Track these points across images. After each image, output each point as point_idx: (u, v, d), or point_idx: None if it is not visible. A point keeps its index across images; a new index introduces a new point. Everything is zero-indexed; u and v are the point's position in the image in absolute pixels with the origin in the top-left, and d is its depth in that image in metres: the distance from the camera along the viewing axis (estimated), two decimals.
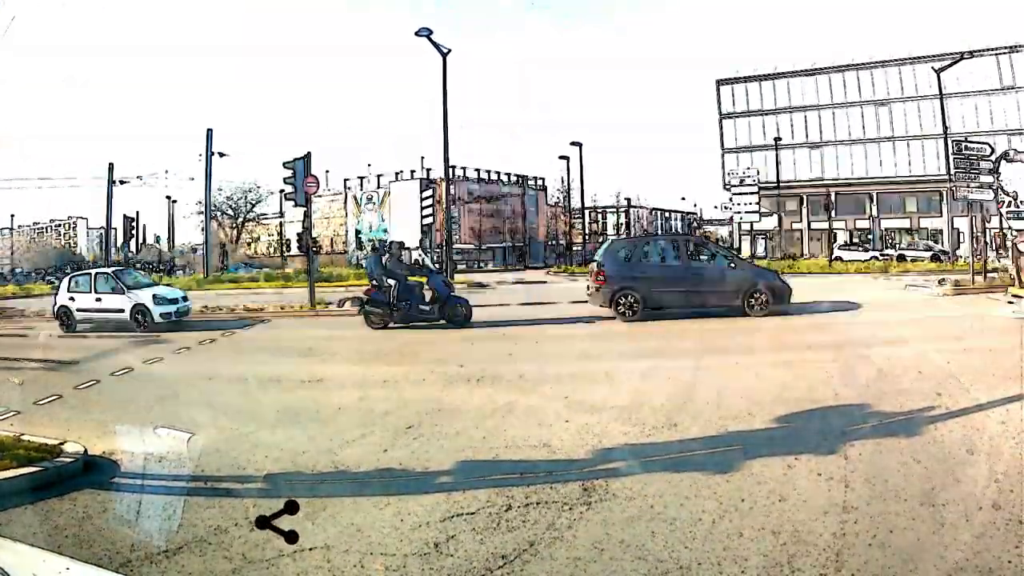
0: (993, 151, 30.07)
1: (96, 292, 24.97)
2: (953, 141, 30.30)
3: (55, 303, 25.76)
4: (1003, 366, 12.83)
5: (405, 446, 9.83)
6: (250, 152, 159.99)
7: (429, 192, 56.58)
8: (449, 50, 45.68)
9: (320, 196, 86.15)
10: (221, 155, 64.07)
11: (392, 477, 8.70)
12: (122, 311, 24.43)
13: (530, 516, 7.11)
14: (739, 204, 54.67)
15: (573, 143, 68.43)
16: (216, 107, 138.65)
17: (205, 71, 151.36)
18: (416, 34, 44.06)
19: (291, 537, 3.40)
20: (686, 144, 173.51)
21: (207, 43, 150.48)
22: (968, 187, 29.30)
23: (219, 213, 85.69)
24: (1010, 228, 39.04)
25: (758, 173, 57.53)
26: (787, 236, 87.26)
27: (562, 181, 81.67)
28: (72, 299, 25.21)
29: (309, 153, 28.81)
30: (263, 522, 3.42)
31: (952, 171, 29.95)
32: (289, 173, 29.01)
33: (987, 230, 35.13)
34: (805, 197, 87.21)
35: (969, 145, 29.81)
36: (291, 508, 3.44)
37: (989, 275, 30.74)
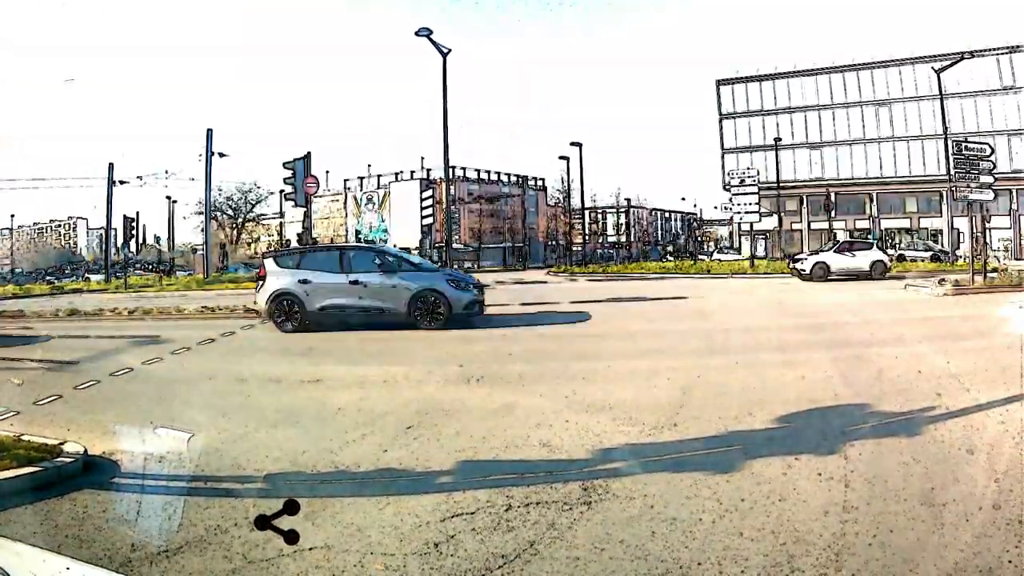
0: (993, 151, 30.05)
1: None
2: (953, 141, 30.28)
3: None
4: (1003, 366, 12.83)
5: (405, 446, 9.82)
6: (250, 152, 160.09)
7: (429, 192, 56.64)
8: (449, 50, 45.64)
9: (320, 196, 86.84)
10: (221, 155, 64.49)
11: (392, 477, 8.69)
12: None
13: (530, 516, 7.10)
14: (739, 204, 54.47)
15: (573, 143, 68.78)
16: (216, 107, 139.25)
17: (205, 71, 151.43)
18: (416, 34, 44.10)
19: (291, 537, 3.38)
20: (686, 144, 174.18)
21: (207, 43, 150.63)
22: (968, 187, 29.27)
23: (219, 213, 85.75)
24: None
25: (758, 173, 57.39)
26: (787, 236, 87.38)
27: (562, 181, 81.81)
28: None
29: (309, 153, 29.02)
30: (263, 522, 3.42)
31: (952, 171, 29.92)
32: (289, 173, 29.12)
33: (987, 230, 35.23)
34: (805, 197, 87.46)
35: (969, 145, 29.80)
36: (291, 508, 3.43)
37: (989, 275, 30.78)
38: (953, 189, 31.16)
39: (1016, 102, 74.07)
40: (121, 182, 67.98)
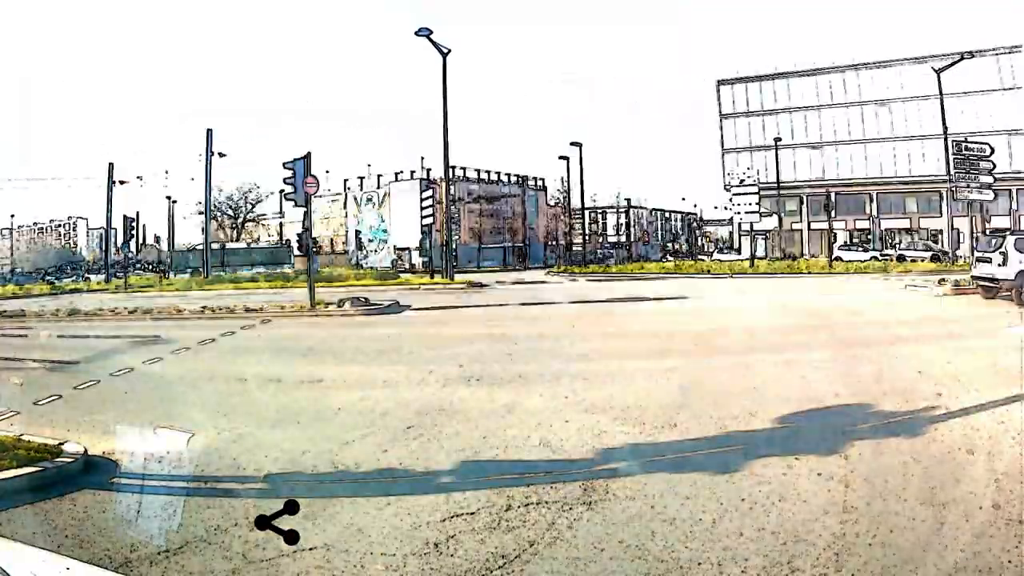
0: (993, 151, 30.03)
1: None
2: (953, 142, 30.19)
3: None
4: (1002, 366, 12.83)
5: (405, 446, 9.83)
6: (250, 152, 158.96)
7: (429, 192, 56.53)
8: (449, 50, 45.71)
9: (320, 196, 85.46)
10: (221, 155, 63.78)
11: (392, 477, 8.69)
12: None
13: (530, 516, 7.10)
14: (739, 204, 54.42)
15: (573, 143, 68.43)
16: (216, 107, 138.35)
17: (205, 70, 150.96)
18: (416, 34, 44.11)
19: (291, 537, 3.39)
20: (686, 144, 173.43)
21: (207, 42, 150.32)
22: (968, 187, 29.25)
23: (219, 213, 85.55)
24: None
25: (758, 173, 57.39)
26: (787, 236, 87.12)
27: (562, 181, 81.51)
28: None
29: (309, 153, 28.61)
30: (263, 522, 3.43)
31: (952, 171, 29.88)
32: (289, 173, 28.88)
33: (987, 230, 35.25)
34: (805, 197, 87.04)
35: (969, 145, 29.75)
36: (291, 508, 3.45)
37: None
38: (953, 189, 31.11)
39: (1016, 102, 73.85)
40: (121, 182, 67.74)
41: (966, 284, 29.25)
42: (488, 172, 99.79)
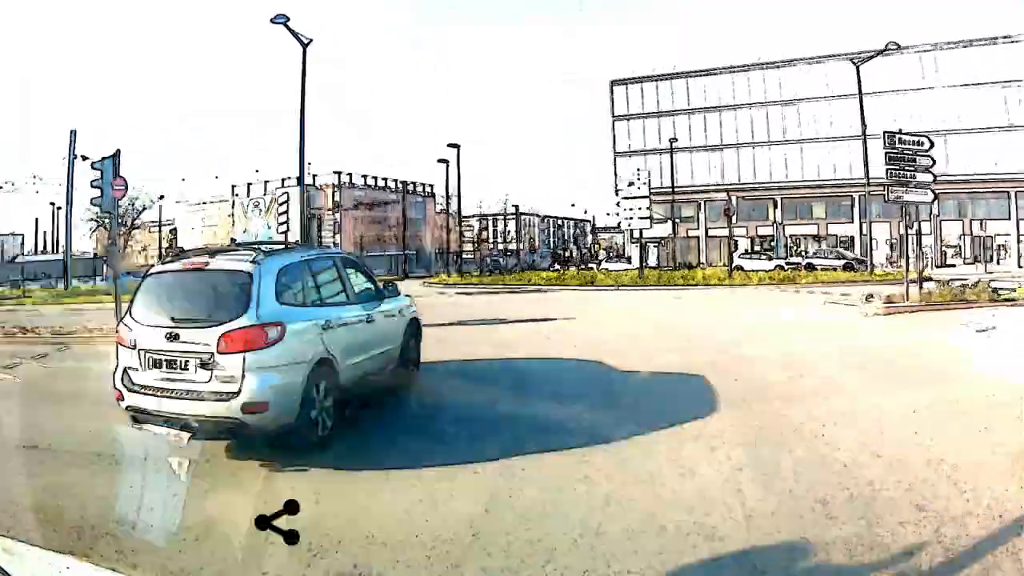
0: (933, 145, 26.03)
1: None
2: (886, 133, 25.81)
3: None
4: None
5: None
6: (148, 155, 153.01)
7: (284, 198, 53.12)
8: (310, 40, 42.58)
9: (209, 203, 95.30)
10: (84, 158, 61.56)
11: None
12: None
13: None
14: (628, 210, 49.80)
15: (451, 145, 66.46)
16: (82, 107, 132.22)
17: (69, 65, 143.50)
18: (272, 21, 40.60)
19: (291, 537, 3.44)
20: (578, 148, 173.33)
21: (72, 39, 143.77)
22: (905, 187, 25.03)
23: (105, 220, 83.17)
24: None
25: (649, 175, 52.99)
26: (683, 244, 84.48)
27: (446, 187, 79.20)
28: None
29: (119, 151, 24.92)
30: (263, 522, 3.49)
31: (886, 168, 25.51)
32: (96, 174, 24.46)
33: (920, 234, 31.46)
34: (703, 202, 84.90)
35: (904, 139, 25.70)
36: (291, 508, 3.49)
37: (925, 287, 26.04)
38: (886, 189, 26.59)
39: (938, 101, 71.09)
40: None
41: (899, 299, 24.46)
42: (375, 178, 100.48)
